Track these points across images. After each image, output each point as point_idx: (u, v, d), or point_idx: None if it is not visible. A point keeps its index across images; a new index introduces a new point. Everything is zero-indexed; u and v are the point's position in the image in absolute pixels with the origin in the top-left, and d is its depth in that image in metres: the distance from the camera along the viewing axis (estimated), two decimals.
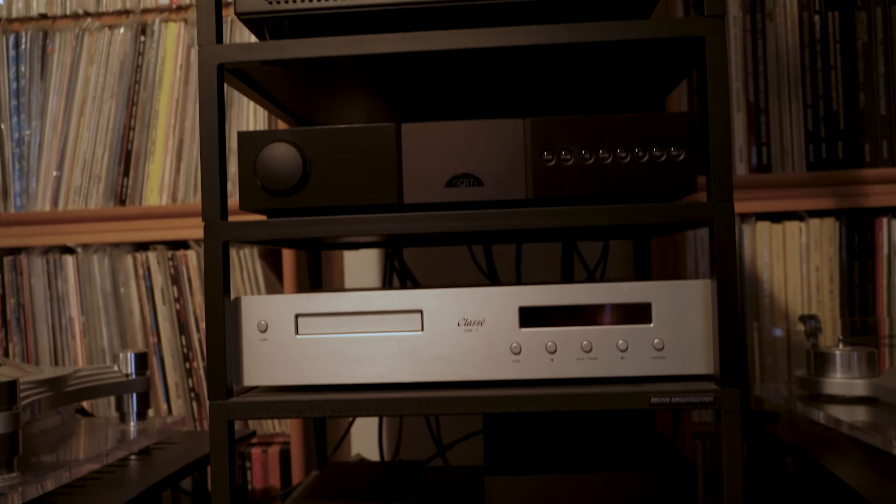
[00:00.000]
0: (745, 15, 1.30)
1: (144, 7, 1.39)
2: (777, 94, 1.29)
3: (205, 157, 0.76)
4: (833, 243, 1.27)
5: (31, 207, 1.39)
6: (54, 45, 1.40)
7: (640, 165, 0.75)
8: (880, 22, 1.28)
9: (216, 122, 0.77)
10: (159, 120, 1.38)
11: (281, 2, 0.76)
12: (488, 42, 0.75)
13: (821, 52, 1.29)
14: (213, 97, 0.77)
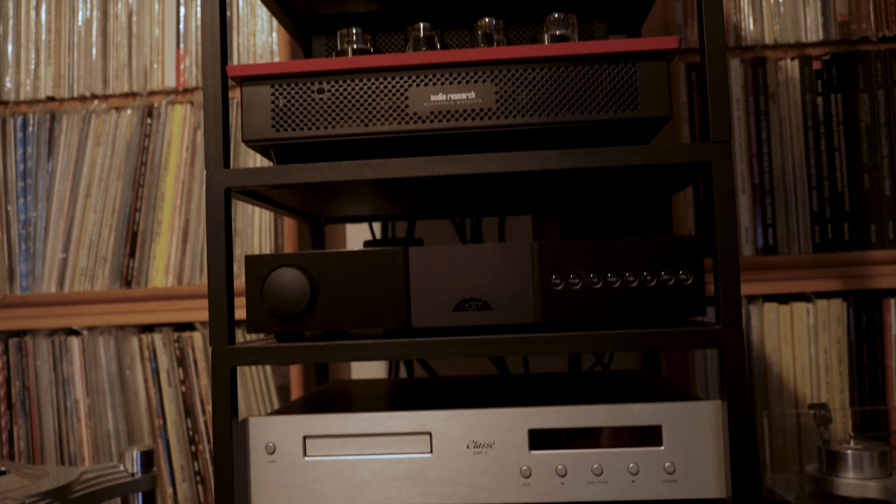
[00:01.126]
0: (748, 97, 1.31)
1: (151, 89, 1.40)
2: (782, 176, 1.29)
3: (212, 283, 0.76)
4: (841, 324, 1.27)
5: (37, 289, 1.39)
6: (61, 126, 1.41)
7: (648, 289, 0.75)
8: (882, 104, 1.29)
9: (223, 245, 0.77)
10: (165, 201, 1.38)
11: (287, 129, 0.76)
12: (495, 167, 0.75)
13: (824, 134, 1.29)
14: (220, 220, 0.77)
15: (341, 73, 0.75)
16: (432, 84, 0.74)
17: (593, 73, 0.74)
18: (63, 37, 1.42)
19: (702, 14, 0.74)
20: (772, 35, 1.31)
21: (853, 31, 1.30)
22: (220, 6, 0.77)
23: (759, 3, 1.31)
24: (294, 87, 0.75)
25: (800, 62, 1.30)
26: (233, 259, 0.79)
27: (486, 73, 0.74)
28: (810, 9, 1.30)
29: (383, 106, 0.75)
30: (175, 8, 1.40)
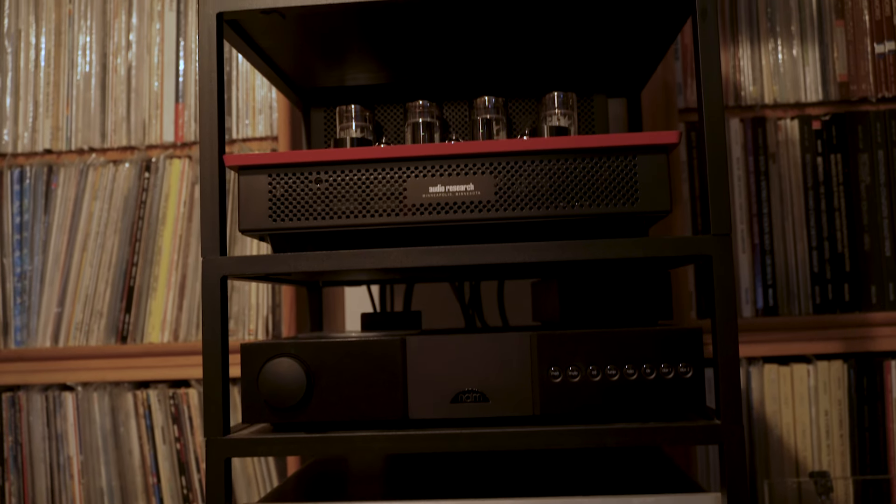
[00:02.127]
0: (747, 157, 1.30)
1: (149, 143, 1.39)
2: (782, 236, 1.29)
3: (207, 367, 0.75)
4: (842, 386, 1.26)
5: (32, 344, 1.38)
6: (58, 179, 1.41)
7: (648, 382, 0.74)
8: (882, 164, 1.28)
9: (219, 332, 0.76)
10: (162, 256, 1.37)
11: (284, 219, 0.75)
12: (494, 259, 0.74)
13: (825, 194, 1.29)
14: (216, 308, 0.76)
15: (339, 164, 0.74)
16: (431, 175, 0.74)
17: (593, 166, 0.73)
18: (62, 89, 1.42)
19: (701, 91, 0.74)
20: (771, 95, 1.30)
21: (853, 92, 1.30)
22: (218, 97, 0.77)
23: (759, 63, 1.31)
24: (292, 176, 0.75)
25: (800, 122, 1.30)
26: (228, 344, 0.78)
27: (484, 166, 0.74)
28: (810, 69, 1.30)
29: (381, 197, 0.74)
30: (174, 62, 1.40)
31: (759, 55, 1.31)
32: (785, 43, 1.31)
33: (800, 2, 1.31)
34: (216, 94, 0.78)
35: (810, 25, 1.31)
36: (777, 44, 1.31)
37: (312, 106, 0.98)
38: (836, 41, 1.30)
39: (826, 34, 1.31)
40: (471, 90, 0.98)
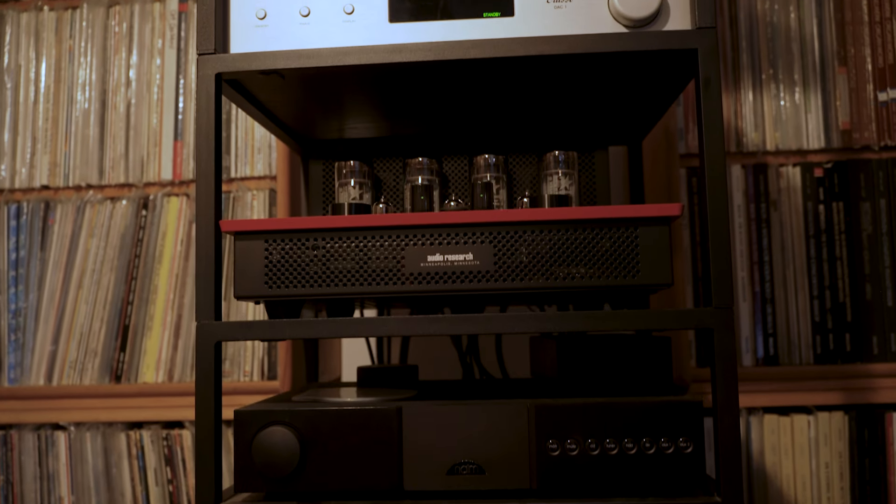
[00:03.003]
0: (748, 203, 1.29)
1: (147, 181, 1.39)
2: (783, 284, 1.28)
3: (200, 438, 0.74)
4: (842, 438, 1.25)
5: (25, 381, 1.37)
6: (55, 216, 1.40)
7: (647, 457, 0.73)
8: (885, 213, 1.28)
9: (212, 397, 0.75)
10: (158, 295, 1.36)
11: (280, 286, 0.74)
12: (493, 328, 0.73)
13: (826, 243, 1.28)
14: (209, 373, 0.75)
15: (336, 231, 0.73)
16: (429, 244, 0.73)
17: (594, 236, 0.72)
18: (61, 125, 1.41)
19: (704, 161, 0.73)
20: (773, 141, 1.30)
21: (855, 140, 1.29)
22: (215, 159, 0.76)
23: (761, 110, 1.30)
24: (288, 242, 0.74)
25: (801, 169, 1.29)
26: (221, 406, 0.77)
27: (483, 235, 0.73)
28: (812, 116, 1.30)
29: (379, 265, 0.73)
30: (174, 99, 1.39)
31: (761, 101, 1.30)
32: (787, 89, 1.30)
33: (802, 48, 1.31)
34: (213, 154, 0.77)
35: (813, 72, 1.30)
36: (779, 90, 1.30)
37: (311, 158, 0.98)
38: (838, 88, 1.30)
39: (829, 81, 1.30)
40: (471, 144, 0.97)
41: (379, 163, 0.98)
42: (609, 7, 0.78)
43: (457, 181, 0.97)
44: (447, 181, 0.96)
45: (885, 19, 1.30)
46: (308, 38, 0.80)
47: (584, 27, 0.78)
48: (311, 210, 0.97)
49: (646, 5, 0.77)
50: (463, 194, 0.97)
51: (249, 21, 0.81)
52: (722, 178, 0.72)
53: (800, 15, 1.31)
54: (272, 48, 0.80)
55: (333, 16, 0.80)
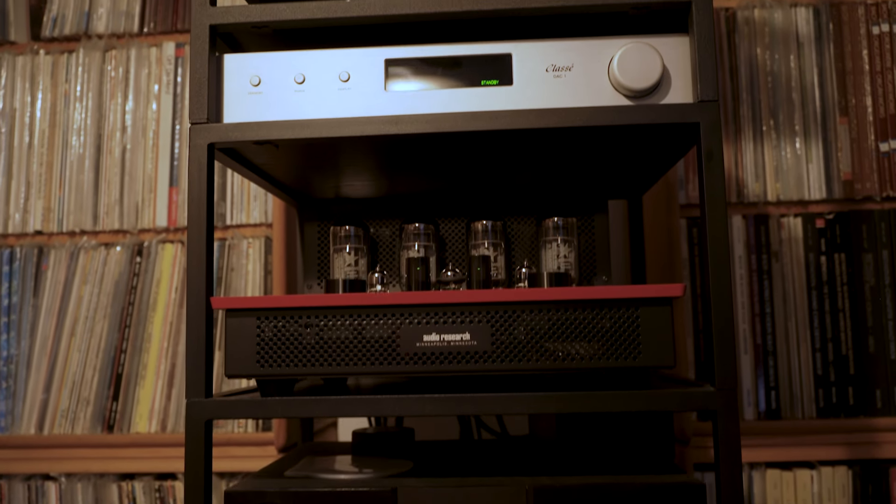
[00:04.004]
0: (749, 255, 1.28)
1: (142, 227, 1.37)
2: (785, 337, 1.26)
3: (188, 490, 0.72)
4: (846, 494, 1.22)
5: (16, 430, 1.35)
6: (49, 262, 1.38)
7: None
8: (887, 265, 1.26)
9: (202, 477, 0.73)
10: (152, 343, 1.34)
11: (272, 364, 0.72)
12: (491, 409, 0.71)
13: (828, 295, 1.27)
14: (199, 454, 0.73)
15: (330, 309, 0.72)
16: (425, 323, 0.71)
17: (594, 316, 0.71)
18: (55, 170, 1.40)
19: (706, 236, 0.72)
20: (774, 192, 1.29)
21: (857, 191, 1.28)
22: (207, 229, 0.74)
23: (762, 160, 1.29)
24: (281, 320, 0.72)
25: (803, 220, 1.28)
26: (211, 487, 0.75)
27: (481, 314, 0.71)
28: (813, 166, 1.29)
29: (374, 344, 0.72)
30: (170, 145, 1.38)
31: (761, 151, 1.29)
32: (788, 139, 1.29)
33: (803, 98, 1.30)
34: (205, 225, 0.76)
35: (814, 122, 1.29)
36: (780, 140, 1.29)
37: (307, 220, 0.96)
38: (839, 138, 1.29)
39: (830, 131, 1.29)
40: (469, 205, 0.96)
41: (375, 221, 0.96)
42: (609, 77, 0.77)
43: (454, 242, 0.96)
44: (444, 244, 0.95)
45: (886, 69, 1.29)
46: (303, 105, 0.78)
47: (583, 97, 0.77)
48: (306, 271, 0.96)
49: (646, 77, 0.76)
50: (460, 257, 0.95)
51: (243, 88, 0.79)
52: (725, 260, 0.70)
53: (800, 64, 1.30)
54: (267, 116, 0.78)
55: (329, 83, 0.79)
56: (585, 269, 0.93)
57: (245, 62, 0.79)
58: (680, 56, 0.77)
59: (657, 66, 0.76)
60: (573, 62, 0.78)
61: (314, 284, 0.95)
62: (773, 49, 1.31)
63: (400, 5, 0.77)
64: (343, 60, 0.79)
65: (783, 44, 1.31)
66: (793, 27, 1.31)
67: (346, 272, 0.87)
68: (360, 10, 0.77)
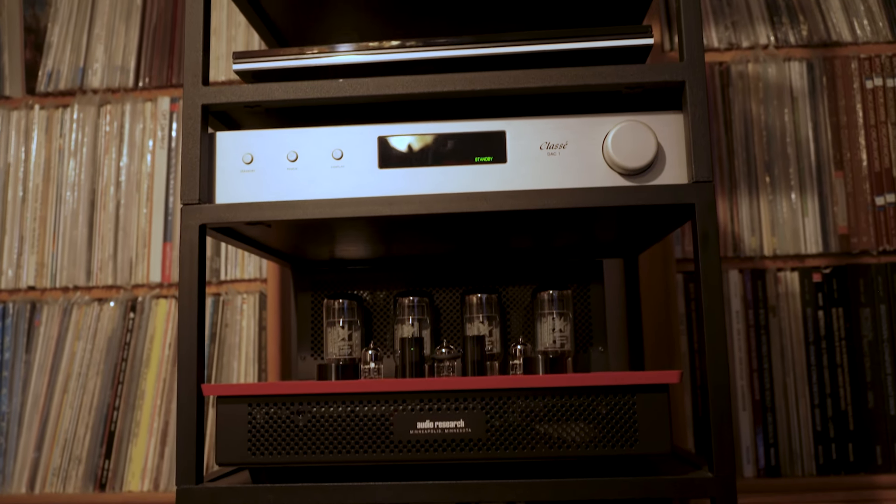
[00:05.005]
0: (747, 310, 1.27)
1: (135, 282, 1.36)
2: (783, 392, 1.25)
3: None
4: None
5: (7, 490, 1.33)
6: (42, 317, 1.37)
7: None
8: (885, 319, 1.26)
9: None
10: (145, 400, 1.33)
11: (264, 452, 0.71)
12: (489, 497, 0.70)
13: (826, 349, 1.26)
14: None
15: (322, 396, 0.71)
16: (419, 411, 0.70)
17: (590, 403, 0.70)
18: (49, 225, 1.39)
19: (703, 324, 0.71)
20: (771, 246, 1.28)
21: (853, 245, 1.27)
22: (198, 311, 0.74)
23: (758, 214, 1.29)
24: (272, 407, 0.71)
25: (800, 275, 1.27)
26: None
27: (475, 401, 0.70)
28: (809, 220, 1.28)
29: (367, 431, 0.71)
30: (164, 200, 1.38)
31: (757, 205, 1.29)
32: (784, 193, 1.29)
33: (798, 152, 1.30)
34: (196, 308, 0.75)
35: (809, 176, 1.29)
36: (776, 194, 1.29)
37: (299, 291, 0.95)
38: (835, 192, 1.29)
39: (825, 185, 1.29)
40: (463, 274, 0.95)
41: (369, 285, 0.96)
42: (604, 154, 0.77)
43: (448, 312, 0.95)
44: (439, 314, 0.94)
45: (881, 123, 1.29)
46: (296, 184, 0.78)
47: (578, 175, 0.76)
48: (300, 343, 0.95)
49: (641, 156, 0.75)
50: (454, 330, 0.95)
51: (235, 166, 0.79)
52: (723, 347, 0.69)
53: (795, 118, 1.30)
54: (259, 195, 0.78)
55: (322, 161, 0.78)
56: (581, 339, 0.92)
57: (238, 140, 0.79)
58: (674, 133, 0.77)
59: (651, 145, 0.75)
60: (567, 140, 0.77)
61: (307, 356, 0.94)
62: (768, 103, 1.31)
63: (392, 85, 0.77)
64: (336, 138, 0.78)
65: (777, 97, 1.31)
66: (787, 81, 1.31)
67: (339, 347, 0.86)
68: (353, 91, 0.77)
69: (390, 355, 0.93)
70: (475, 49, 0.79)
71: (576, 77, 0.76)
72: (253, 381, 1.31)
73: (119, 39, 1.42)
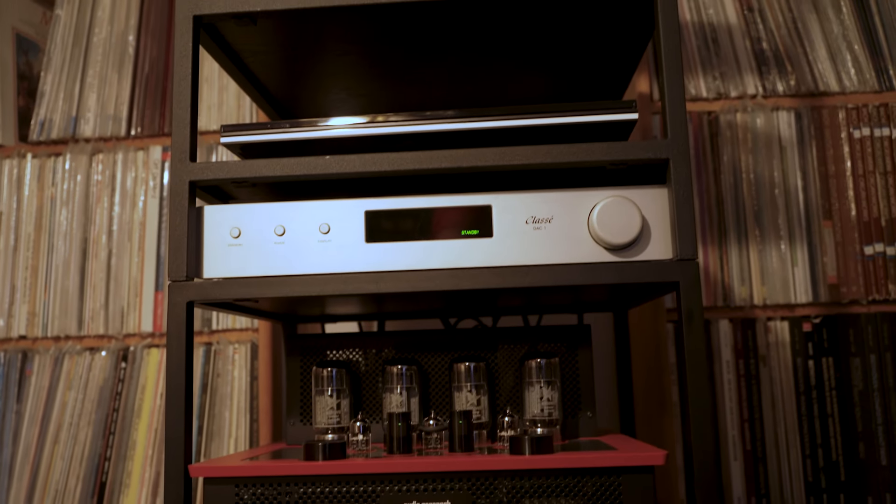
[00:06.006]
0: (737, 359, 1.28)
1: (127, 332, 1.36)
2: (775, 442, 1.25)
3: None
4: None
5: None
6: (33, 367, 1.37)
7: None
8: (875, 369, 1.26)
9: None
10: (136, 451, 1.33)
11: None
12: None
13: (817, 399, 1.26)
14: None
15: (309, 478, 0.71)
16: (405, 491, 0.70)
17: (576, 483, 0.70)
18: (40, 275, 1.39)
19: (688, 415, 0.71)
20: (760, 295, 1.29)
21: (843, 294, 1.28)
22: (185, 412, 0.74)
23: (748, 264, 1.29)
24: (259, 487, 0.71)
25: (790, 324, 1.28)
26: None
27: (462, 482, 0.70)
28: (799, 269, 1.29)
29: None
30: (155, 249, 1.38)
31: (747, 254, 1.30)
32: (773, 243, 1.29)
33: (787, 201, 1.30)
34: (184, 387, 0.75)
35: (798, 225, 1.30)
36: (765, 243, 1.29)
37: (289, 354, 0.96)
38: (824, 242, 1.29)
39: (814, 234, 1.30)
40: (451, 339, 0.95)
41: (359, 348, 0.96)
42: (589, 229, 0.77)
43: (437, 375, 0.95)
44: (427, 380, 0.94)
45: (869, 173, 1.30)
46: (283, 258, 0.78)
47: (563, 250, 0.77)
48: (289, 407, 0.95)
49: (626, 232, 0.76)
50: (443, 394, 0.95)
51: (223, 239, 0.79)
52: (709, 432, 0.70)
53: (783, 167, 1.31)
54: (247, 269, 0.78)
55: (309, 235, 0.79)
56: (570, 403, 0.92)
57: (225, 214, 0.79)
58: (659, 208, 0.77)
59: (636, 220, 0.76)
60: (553, 214, 0.78)
61: (297, 422, 0.94)
62: (756, 152, 1.32)
63: (379, 162, 0.77)
64: (323, 212, 0.79)
65: (766, 147, 1.32)
66: (775, 130, 1.32)
67: (328, 416, 0.86)
68: (339, 167, 0.77)
69: (379, 420, 0.93)
70: (461, 123, 0.80)
71: (560, 154, 0.76)
72: (244, 431, 1.31)
73: (111, 88, 1.43)
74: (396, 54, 0.93)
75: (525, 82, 1.03)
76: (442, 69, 0.97)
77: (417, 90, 1.05)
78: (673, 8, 0.77)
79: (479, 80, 1.01)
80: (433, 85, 1.02)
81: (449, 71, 0.98)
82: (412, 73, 0.98)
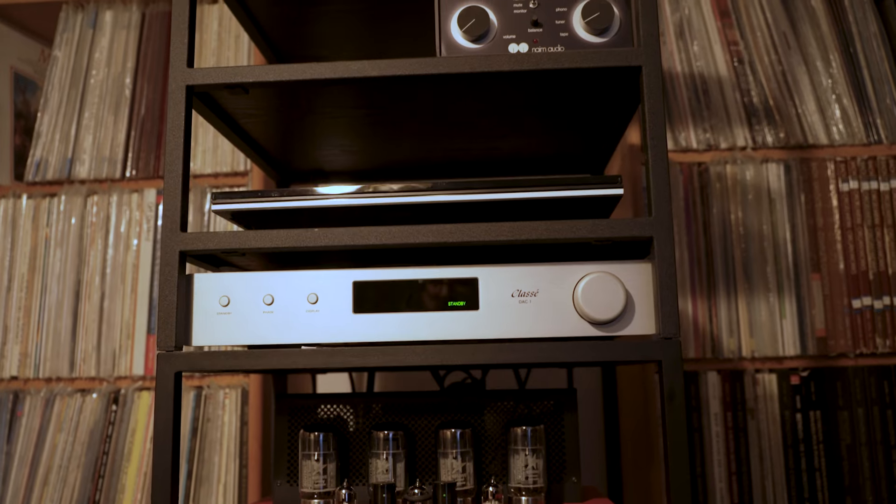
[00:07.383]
0: (725, 412, 1.28)
1: (118, 374, 1.37)
2: (762, 496, 1.26)
3: None
4: None
5: None
6: (24, 408, 1.37)
7: None
8: (863, 423, 1.27)
9: None
10: (126, 495, 1.33)
11: None
12: None
13: (805, 453, 1.26)
14: None
15: None
16: None
17: None
18: (33, 316, 1.40)
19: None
20: (749, 348, 1.29)
21: (831, 347, 1.29)
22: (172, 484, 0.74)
23: (736, 316, 1.30)
24: None
25: (778, 377, 1.29)
26: None
27: None
28: (787, 322, 1.30)
29: None
30: (148, 292, 1.38)
31: (735, 306, 1.30)
32: (762, 295, 1.30)
33: (776, 254, 1.31)
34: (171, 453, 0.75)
35: (787, 278, 1.31)
36: (754, 296, 1.30)
37: (278, 414, 0.96)
38: (812, 295, 1.30)
39: (803, 287, 1.31)
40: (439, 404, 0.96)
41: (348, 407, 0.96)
42: (574, 303, 0.78)
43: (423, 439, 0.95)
44: (414, 443, 0.95)
45: (857, 226, 1.31)
46: (272, 327, 0.79)
47: (548, 323, 0.78)
48: (276, 468, 0.95)
49: (610, 308, 0.77)
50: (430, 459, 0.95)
51: (213, 308, 0.80)
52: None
53: (772, 219, 1.32)
54: (235, 338, 0.79)
55: (297, 305, 0.79)
56: (555, 468, 0.92)
57: (214, 282, 0.80)
58: (643, 283, 0.78)
59: (620, 297, 0.77)
60: (538, 287, 0.79)
61: (284, 483, 0.94)
62: (745, 204, 1.33)
63: (366, 236, 0.78)
64: (311, 282, 0.80)
65: (755, 199, 1.33)
66: (764, 182, 1.34)
67: (314, 481, 0.87)
68: (328, 240, 0.78)
69: (365, 484, 0.93)
70: (449, 196, 0.80)
71: (546, 231, 0.77)
72: (234, 477, 1.31)
73: (107, 130, 1.44)
74: (386, 119, 0.94)
75: (515, 141, 1.04)
76: (434, 128, 0.98)
77: (409, 146, 1.07)
78: (657, 89, 0.78)
79: (471, 138, 1.02)
80: (426, 139, 1.03)
81: (441, 130, 0.99)
82: (403, 131, 0.99)
